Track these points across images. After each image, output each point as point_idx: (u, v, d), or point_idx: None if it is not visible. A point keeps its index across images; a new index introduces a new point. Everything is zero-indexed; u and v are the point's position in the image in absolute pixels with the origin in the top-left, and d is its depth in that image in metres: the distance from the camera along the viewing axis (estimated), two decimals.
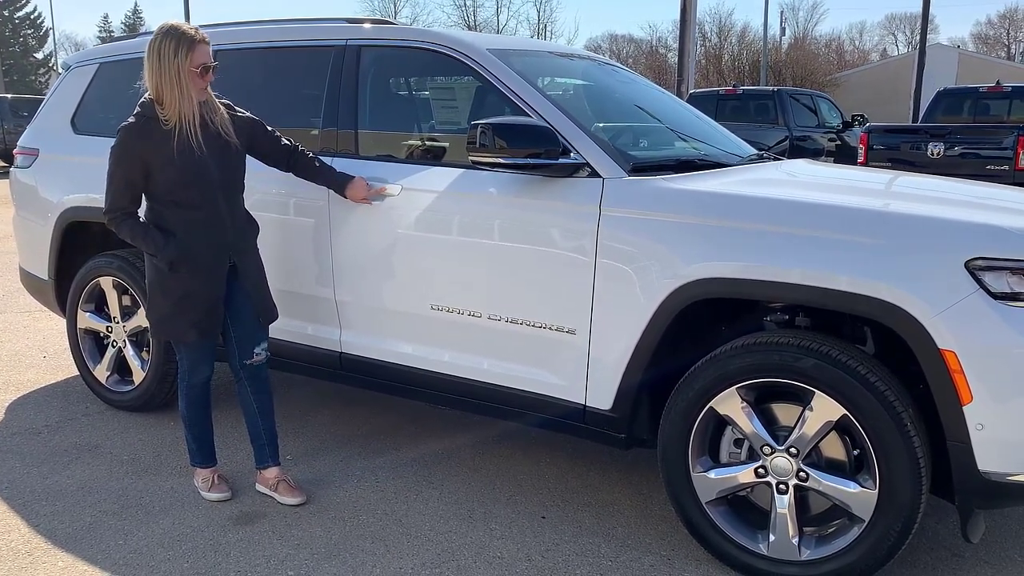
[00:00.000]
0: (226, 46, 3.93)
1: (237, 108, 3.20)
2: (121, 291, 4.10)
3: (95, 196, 3.88)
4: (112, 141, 2.96)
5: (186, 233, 3.01)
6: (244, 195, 3.21)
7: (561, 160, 2.93)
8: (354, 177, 3.31)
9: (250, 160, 3.23)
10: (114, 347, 4.18)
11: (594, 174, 2.92)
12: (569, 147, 2.96)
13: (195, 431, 3.28)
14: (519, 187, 3.02)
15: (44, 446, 3.76)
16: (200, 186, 3.00)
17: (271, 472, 3.29)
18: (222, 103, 3.13)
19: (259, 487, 3.32)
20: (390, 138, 3.65)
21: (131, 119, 2.97)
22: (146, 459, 3.64)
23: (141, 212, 3.09)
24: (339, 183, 3.32)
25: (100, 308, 4.22)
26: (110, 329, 4.17)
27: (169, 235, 2.99)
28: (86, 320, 4.22)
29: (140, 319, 4.04)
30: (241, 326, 3.21)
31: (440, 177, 3.23)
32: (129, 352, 4.12)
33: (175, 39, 2.90)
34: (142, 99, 3.02)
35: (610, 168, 2.92)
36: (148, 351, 4.08)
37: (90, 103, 4.39)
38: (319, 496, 3.29)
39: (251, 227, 3.24)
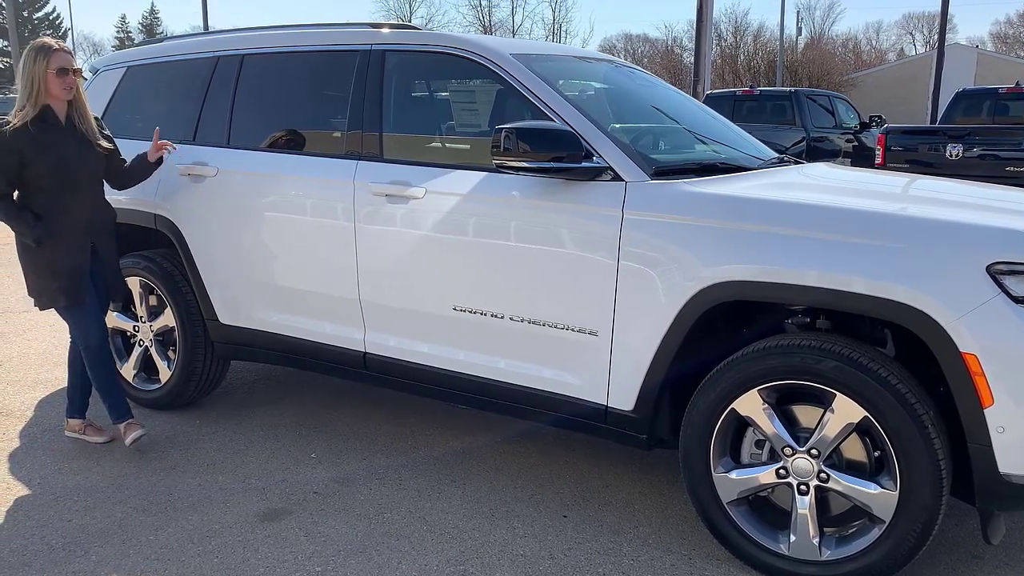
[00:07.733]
0: (253, 50, 4.00)
1: (105, 127, 3.73)
2: (148, 291, 4.18)
3: (119, 197, 3.96)
4: (139, 144, 3.03)
5: (50, 216, 3.46)
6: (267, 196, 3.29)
7: (584, 164, 2.96)
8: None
9: (278, 168, 3.29)
10: (140, 346, 4.25)
11: (617, 178, 2.95)
12: (592, 151, 3.00)
13: (104, 389, 3.70)
14: (542, 190, 3.06)
15: (73, 443, 3.83)
16: (65, 176, 3.47)
17: (76, 422, 3.85)
18: (94, 117, 3.64)
19: (67, 433, 3.87)
20: (414, 141, 3.69)
21: (7, 117, 3.43)
22: (173, 456, 3.71)
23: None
24: (145, 159, 3.80)
25: (127, 307, 4.29)
26: (137, 328, 4.25)
27: (37, 217, 3.45)
28: (113, 319, 4.28)
29: (167, 319, 4.11)
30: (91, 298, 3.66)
31: (463, 180, 3.27)
32: (155, 351, 4.19)
33: (39, 51, 3.43)
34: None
35: (633, 172, 2.95)
36: (174, 350, 4.15)
37: (117, 106, 4.45)
38: (344, 494, 3.35)
39: (108, 212, 3.74)
